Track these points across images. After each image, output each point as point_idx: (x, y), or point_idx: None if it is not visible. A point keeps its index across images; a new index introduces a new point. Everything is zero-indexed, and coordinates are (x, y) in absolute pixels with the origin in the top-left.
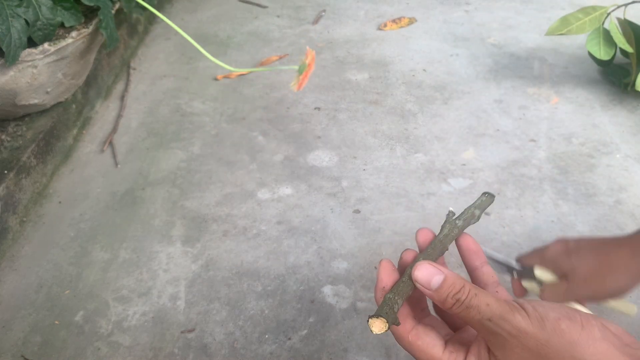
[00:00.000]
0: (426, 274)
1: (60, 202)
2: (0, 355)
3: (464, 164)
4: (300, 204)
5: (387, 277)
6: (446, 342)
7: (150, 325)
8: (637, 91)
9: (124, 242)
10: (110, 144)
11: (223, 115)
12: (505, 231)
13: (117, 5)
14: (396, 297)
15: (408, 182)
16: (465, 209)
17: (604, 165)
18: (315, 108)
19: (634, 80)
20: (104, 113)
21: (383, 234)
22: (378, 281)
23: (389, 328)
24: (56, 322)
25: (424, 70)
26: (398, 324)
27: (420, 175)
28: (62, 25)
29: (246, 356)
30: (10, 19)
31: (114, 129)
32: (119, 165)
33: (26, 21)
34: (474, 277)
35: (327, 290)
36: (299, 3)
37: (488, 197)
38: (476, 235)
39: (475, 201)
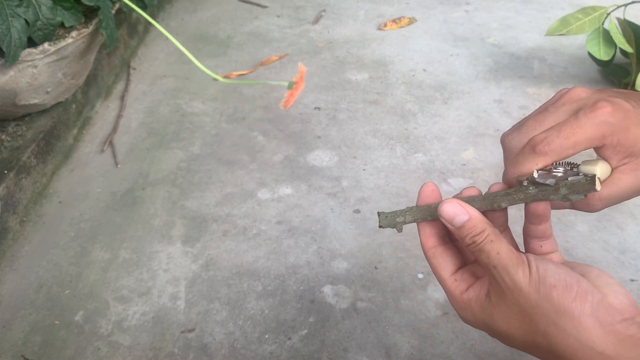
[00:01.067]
0: (452, 211)
1: (60, 202)
2: (0, 355)
3: (464, 164)
4: (300, 203)
5: (428, 196)
6: (458, 269)
7: (150, 325)
8: (637, 91)
9: (124, 242)
10: (110, 144)
11: (223, 115)
12: None
13: (117, 5)
14: (407, 212)
15: (408, 182)
16: (558, 182)
17: None
18: (315, 108)
19: (634, 80)
20: (104, 113)
21: (383, 234)
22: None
23: (379, 227)
24: (56, 322)
25: (424, 70)
26: (399, 230)
27: (421, 175)
28: (62, 25)
29: (246, 356)
30: (10, 18)
31: (114, 129)
32: (119, 165)
33: (26, 21)
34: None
35: (327, 290)
36: (299, 3)
37: (589, 182)
38: None
39: (574, 178)
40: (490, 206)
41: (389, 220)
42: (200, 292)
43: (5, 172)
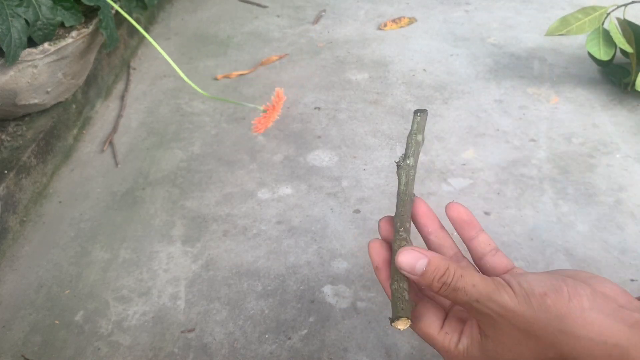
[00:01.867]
0: (409, 259)
1: (60, 202)
2: (0, 355)
3: (464, 164)
4: (300, 203)
5: (377, 256)
6: (444, 321)
7: (150, 325)
8: (637, 91)
9: (124, 242)
10: (110, 143)
11: (223, 115)
12: (505, 231)
13: (117, 6)
14: (401, 284)
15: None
16: (407, 142)
17: (604, 165)
18: (315, 108)
19: (634, 80)
20: (104, 113)
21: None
22: (372, 262)
23: (410, 318)
24: (56, 322)
25: (424, 70)
26: (415, 306)
27: (420, 175)
28: (62, 25)
29: (246, 356)
30: (10, 18)
31: (114, 129)
32: (119, 165)
33: (26, 21)
34: (470, 248)
35: (327, 290)
36: (298, 3)
37: (421, 115)
38: None
39: (412, 127)
40: (411, 202)
41: (408, 308)
42: (200, 292)
43: (5, 172)
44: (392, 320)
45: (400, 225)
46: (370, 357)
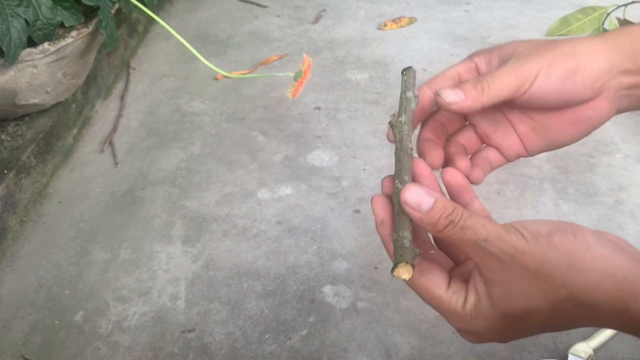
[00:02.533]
0: (415, 196)
1: (60, 202)
2: (0, 355)
3: None
4: (300, 203)
5: (382, 210)
6: (449, 280)
7: (150, 325)
8: None
9: (124, 242)
10: (110, 143)
11: (223, 115)
12: None
13: (116, 5)
14: (401, 233)
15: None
16: (400, 101)
17: (604, 165)
18: (315, 108)
19: None
20: (104, 113)
21: None
22: (375, 217)
23: (414, 266)
24: (56, 322)
25: (424, 70)
26: (419, 253)
27: None
28: (62, 25)
29: (246, 356)
30: (10, 18)
31: (114, 129)
32: (119, 165)
33: (26, 21)
34: None
35: (327, 290)
36: (298, 3)
37: (408, 73)
38: None
39: (401, 86)
40: (411, 158)
41: (410, 255)
42: (200, 292)
43: (5, 172)
44: (393, 268)
45: (399, 181)
46: (370, 357)
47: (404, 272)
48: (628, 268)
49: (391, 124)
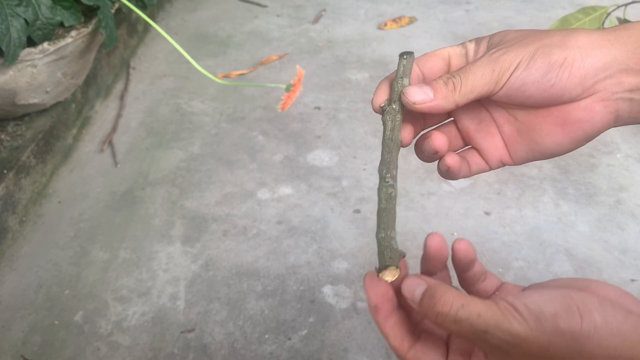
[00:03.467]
0: (409, 286)
1: (59, 202)
2: (0, 355)
3: None
4: (300, 203)
5: (375, 293)
6: (447, 358)
7: (150, 325)
8: None
9: (124, 242)
10: (110, 143)
11: (223, 114)
12: (506, 231)
13: (116, 5)
14: (388, 232)
15: (408, 182)
16: (393, 86)
17: (605, 164)
18: (315, 107)
19: None
20: (104, 113)
21: None
22: (369, 300)
23: (399, 268)
24: (56, 322)
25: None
26: (404, 255)
27: (421, 175)
28: (61, 24)
29: (246, 356)
30: (9, 18)
31: (114, 129)
32: (118, 165)
33: (25, 20)
34: (462, 278)
35: (327, 290)
36: (298, 2)
37: (407, 58)
38: (476, 235)
39: (397, 70)
40: (398, 148)
41: (397, 257)
42: (200, 292)
43: (5, 171)
44: (379, 270)
45: (386, 172)
46: (370, 357)
47: (390, 274)
48: (635, 348)
49: (383, 110)
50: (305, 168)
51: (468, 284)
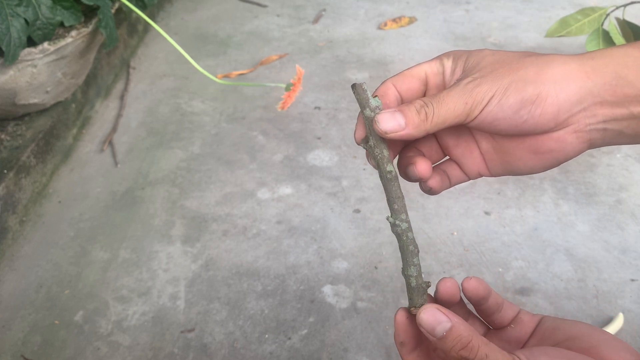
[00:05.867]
0: (432, 319)
1: (59, 202)
2: (0, 355)
3: None
4: (300, 203)
5: (404, 332)
6: None
7: (150, 325)
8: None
9: (124, 242)
10: (110, 143)
11: (223, 114)
12: (506, 231)
13: (116, 5)
14: (406, 272)
15: (408, 182)
16: (364, 122)
17: (605, 164)
18: (315, 107)
19: None
20: (104, 112)
21: (383, 233)
22: (395, 335)
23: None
24: (56, 322)
25: None
26: (429, 285)
27: None
28: (61, 24)
29: (246, 356)
30: (9, 18)
31: (114, 129)
32: (118, 165)
33: (26, 20)
34: (479, 311)
35: (327, 290)
36: (298, 2)
37: (358, 89)
38: (476, 235)
39: (358, 102)
40: (389, 160)
41: (424, 298)
42: (200, 292)
43: (5, 171)
44: (409, 307)
45: (392, 214)
46: (370, 357)
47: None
48: None
49: (365, 147)
50: (305, 168)
51: (484, 315)
